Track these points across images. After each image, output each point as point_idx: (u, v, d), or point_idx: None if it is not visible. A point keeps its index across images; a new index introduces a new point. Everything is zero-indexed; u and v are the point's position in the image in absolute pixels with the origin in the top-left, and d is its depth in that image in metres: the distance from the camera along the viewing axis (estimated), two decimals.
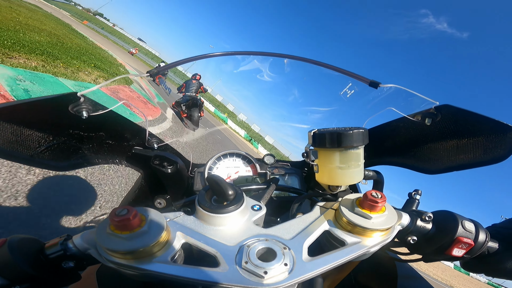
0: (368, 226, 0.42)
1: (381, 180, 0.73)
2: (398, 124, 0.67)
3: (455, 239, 0.46)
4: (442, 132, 0.61)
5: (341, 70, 0.76)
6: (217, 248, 0.39)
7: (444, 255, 0.49)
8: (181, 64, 0.73)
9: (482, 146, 0.56)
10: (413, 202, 0.59)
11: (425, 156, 0.68)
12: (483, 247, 0.47)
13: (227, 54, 0.82)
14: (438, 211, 0.52)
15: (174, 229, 0.42)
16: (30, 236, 0.43)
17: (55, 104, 0.50)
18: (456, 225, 0.46)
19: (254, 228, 0.43)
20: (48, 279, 0.41)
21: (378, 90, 0.71)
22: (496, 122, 0.51)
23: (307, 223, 0.45)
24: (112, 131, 0.66)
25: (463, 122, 0.56)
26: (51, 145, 0.55)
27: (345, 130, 0.53)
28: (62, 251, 0.41)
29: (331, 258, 0.39)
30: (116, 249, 0.36)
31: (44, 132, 0.52)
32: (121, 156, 0.74)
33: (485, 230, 0.48)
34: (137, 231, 0.37)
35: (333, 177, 0.55)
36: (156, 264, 0.37)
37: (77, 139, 0.59)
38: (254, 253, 0.37)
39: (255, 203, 0.49)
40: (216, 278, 0.35)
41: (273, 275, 0.35)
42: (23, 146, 0.50)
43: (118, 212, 0.37)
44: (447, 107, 0.56)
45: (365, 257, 0.46)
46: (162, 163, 0.80)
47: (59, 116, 0.53)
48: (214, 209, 0.43)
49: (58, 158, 0.57)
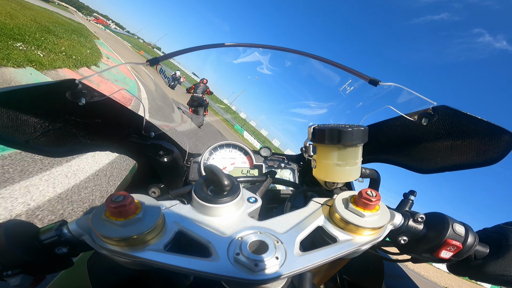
0: (360, 224, 0.42)
1: (377, 179, 0.73)
2: (395, 122, 0.68)
3: (444, 241, 0.46)
4: (437, 132, 0.61)
5: (342, 66, 0.76)
6: (210, 238, 0.40)
7: (432, 256, 0.49)
8: (181, 54, 0.72)
9: (476, 148, 0.57)
10: (407, 203, 0.59)
11: (420, 155, 0.69)
12: (470, 250, 0.47)
13: (229, 46, 0.81)
14: (431, 213, 0.52)
15: (169, 218, 0.42)
16: (25, 221, 0.44)
17: (52, 90, 0.50)
18: (447, 228, 0.47)
19: (249, 220, 0.44)
20: (40, 264, 0.41)
21: (377, 88, 0.71)
22: (491, 124, 0.52)
23: (301, 218, 0.46)
24: (109, 118, 0.66)
25: (458, 123, 0.57)
26: (46, 131, 0.54)
27: (345, 127, 0.53)
28: (57, 236, 0.42)
29: (322, 254, 0.39)
30: (110, 235, 0.36)
31: (40, 118, 0.52)
32: (117, 144, 0.74)
33: (474, 234, 0.48)
34: (132, 218, 0.37)
35: (330, 173, 0.55)
36: (149, 252, 0.37)
37: (73, 126, 0.59)
38: (246, 245, 0.38)
39: (251, 195, 0.49)
40: (207, 268, 0.35)
41: (263, 268, 0.35)
42: (19, 132, 0.50)
43: (114, 198, 0.37)
44: (444, 108, 0.56)
45: (355, 254, 0.46)
46: (158, 152, 0.80)
47: (56, 102, 0.52)
48: (210, 199, 0.43)
49: (54, 144, 0.57)
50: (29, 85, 0.46)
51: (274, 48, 0.84)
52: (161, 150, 0.80)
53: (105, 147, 0.71)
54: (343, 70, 0.76)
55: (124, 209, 0.36)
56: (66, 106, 0.54)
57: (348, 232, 0.44)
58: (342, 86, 0.83)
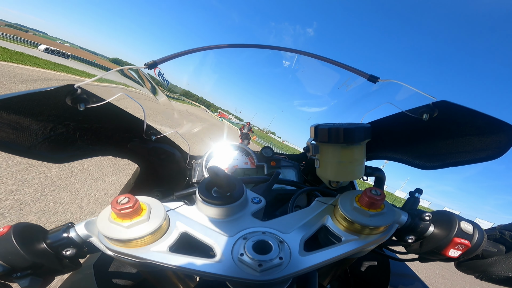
0: (365, 223, 0.42)
1: (382, 178, 0.72)
2: (396, 119, 0.67)
3: (451, 239, 0.46)
4: (439, 128, 0.61)
5: (341, 64, 0.76)
6: (214, 239, 0.40)
7: (440, 255, 0.49)
8: (180, 56, 0.72)
9: (478, 143, 0.56)
10: (414, 201, 0.58)
11: (421, 151, 0.68)
12: (479, 249, 0.46)
13: (230, 46, 0.81)
14: (437, 211, 0.52)
15: (173, 219, 0.43)
16: (34, 223, 0.44)
17: (52, 96, 0.50)
18: (454, 226, 0.46)
19: (253, 221, 0.44)
20: (49, 266, 0.41)
21: (376, 84, 0.71)
22: (493, 119, 0.51)
23: (305, 218, 0.46)
24: (110, 123, 0.66)
25: (460, 118, 0.56)
26: (48, 137, 0.54)
27: (349, 125, 0.52)
28: (65, 239, 0.42)
29: (327, 254, 0.39)
30: (116, 237, 0.36)
31: (41, 124, 0.52)
32: (118, 148, 0.74)
33: (483, 232, 0.47)
34: (137, 220, 0.38)
35: (334, 172, 0.54)
36: (153, 253, 0.37)
37: (74, 131, 0.59)
38: (250, 245, 0.38)
39: (255, 195, 0.49)
40: (211, 269, 0.35)
41: (267, 268, 0.35)
42: (21, 138, 0.50)
43: (120, 200, 0.37)
44: (445, 103, 0.56)
45: (361, 254, 0.46)
46: (159, 155, 0.80)
47: (56, 108, 0.52)
48: (215, 200, 0.43)
49: (55, 150, 0.57)
50: (28, 91, 0.46)
51: (274, 48, 0.84)
52: (162, 153, 0.80)
53: (107, 152, 0.71)
54: (342, 68, 0.76)
55: (130, 211, 0.37)
56: (66, 112, 0.54)
57: (353, 232, 0.43)
58: (341, 84, 0.83)
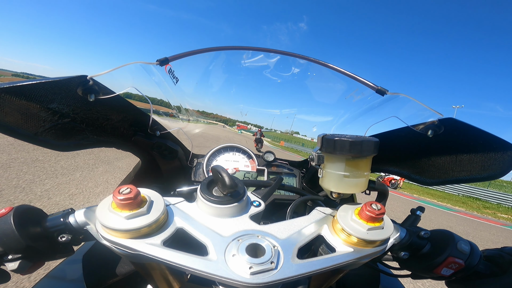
0: (361, 237, 0.42)
1: (385, 193, 0.71)
2: (400, 133, 0.67)
3: (446, 259, 0.46)
4: (443, 145, 0.61)
5: (350, 74, 0.76)
6: (209, 238, 0.40)
7: (432, 273, 0.49)
8: (192, 54, 0.73)
9: (481, 161, 0.56)
10: (414, 219, 0.59)
11: (423, 167, 0.68)
12: (472, 269, 0.46)
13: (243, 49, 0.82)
14: (436, 230, 0.52)
15: (171, 214, 0.43)
16: (36, 207, 0.45)
17: (64, 85, 0.51)
18: (451, 245, 0.46)
19: (250, 223, 0.44)
20: (42, 250, 0.42)
21: (384, 97, 0.71)
22: (497, 138, 0.51)
23: (302, 226, 0.46)
24: (117, 115, 0.67)
25: (464, 136, 0.56)
26: (55, 125, 0.55)
27: (357, 138, 0.51)
28: (62, 224, 0.43)
29: (319, 263, 0.39)
30: (113, 227, 0.37)
31: (50, 112, 0.53)
32: (123, 141, 0.75)
33: (480, 253, 0.47)
34: (136, 211, 0.38)
35: (337, 184, 0.53)
36: (146, 245, 0.37)
37: (81, 121, 0.60)
38: (244, 247, 0.38)
39: (255, 199, 0.50)
40: (202, 267, 0.35)
41: (258, 272, 0.35)
42: (28, 124, 0.51)
43: (122, 190, 0.37)
44: (451, 120, 0.56)
45: (354, 266, 0.45)
46: (162, 151, 0.81)
47: (67, 97, 0.53)
48: (215, 199, 0.44)
49: (61, 138, 0.58)
50: (42, 79, 0.47)
51: (282, 53, 0.85)
52: (165, 149, 0.81)
53: (110, 143, 0.72)
54: (351, 78, 0.76)
55: (130, 201, 0.37)
56: (76, 101, 0.55)
57: (348, 243, 0.43)
58: (349, 94, 0.83)
